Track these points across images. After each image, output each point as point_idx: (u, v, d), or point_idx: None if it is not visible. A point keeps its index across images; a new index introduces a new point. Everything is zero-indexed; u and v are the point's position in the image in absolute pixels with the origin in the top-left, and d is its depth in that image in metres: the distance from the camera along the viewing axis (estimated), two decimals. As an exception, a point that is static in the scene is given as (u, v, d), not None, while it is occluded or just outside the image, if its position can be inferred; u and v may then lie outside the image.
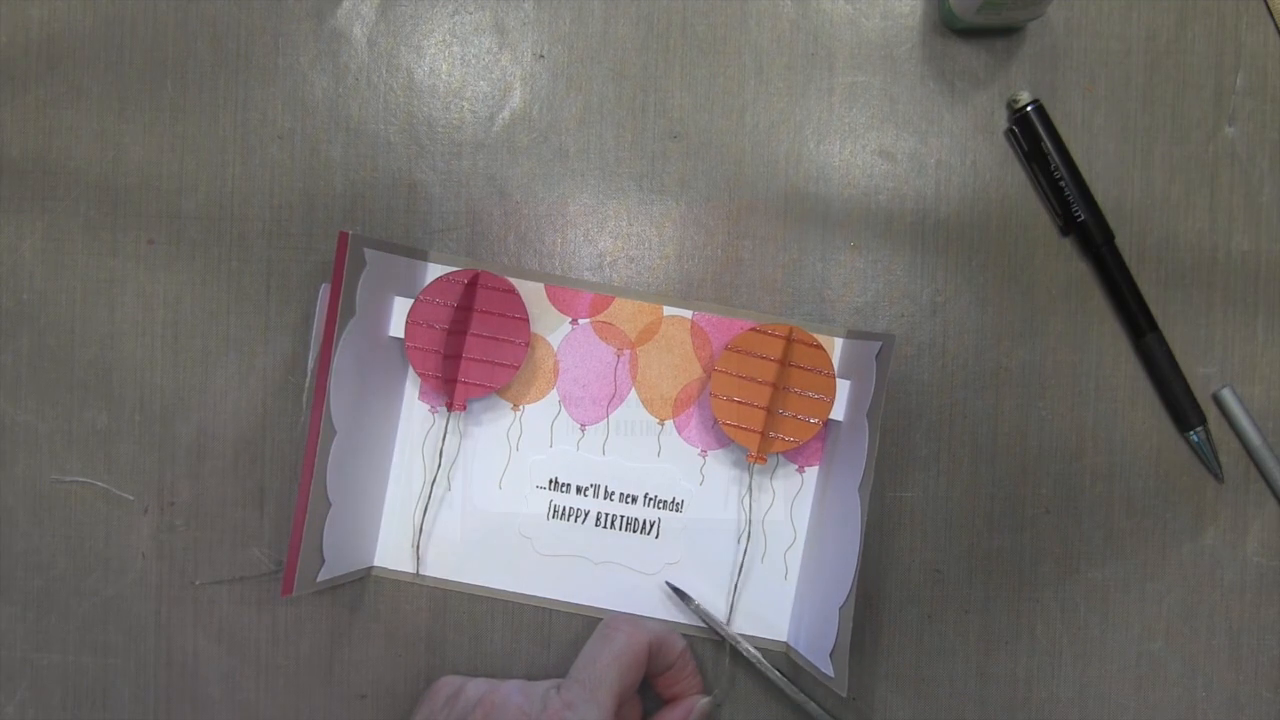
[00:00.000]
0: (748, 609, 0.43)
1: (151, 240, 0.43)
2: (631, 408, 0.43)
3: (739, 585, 0.43)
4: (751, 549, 0.43)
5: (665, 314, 0.43)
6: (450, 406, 0.41)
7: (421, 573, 0.42)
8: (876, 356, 0.39)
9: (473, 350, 0.41)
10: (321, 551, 0.38)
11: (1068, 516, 0.43)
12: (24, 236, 0.43)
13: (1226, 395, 0.43)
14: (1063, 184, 0.42)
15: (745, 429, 0.41)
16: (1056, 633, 0.43)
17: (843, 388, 0.41)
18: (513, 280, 0.42)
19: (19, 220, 0.43)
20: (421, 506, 0.42)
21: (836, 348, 0.42)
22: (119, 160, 0.43)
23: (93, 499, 0.43)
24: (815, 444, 0.43)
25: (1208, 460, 0.43)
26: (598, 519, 0.43)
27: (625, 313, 0.43)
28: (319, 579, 0.38)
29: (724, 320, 0.43)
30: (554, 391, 0.43)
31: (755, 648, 0.42)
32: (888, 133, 0.43)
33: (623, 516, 0.43)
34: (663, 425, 0.43)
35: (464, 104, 0.43)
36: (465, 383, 0.41)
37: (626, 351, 0.43)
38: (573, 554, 0.43)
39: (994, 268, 0.43)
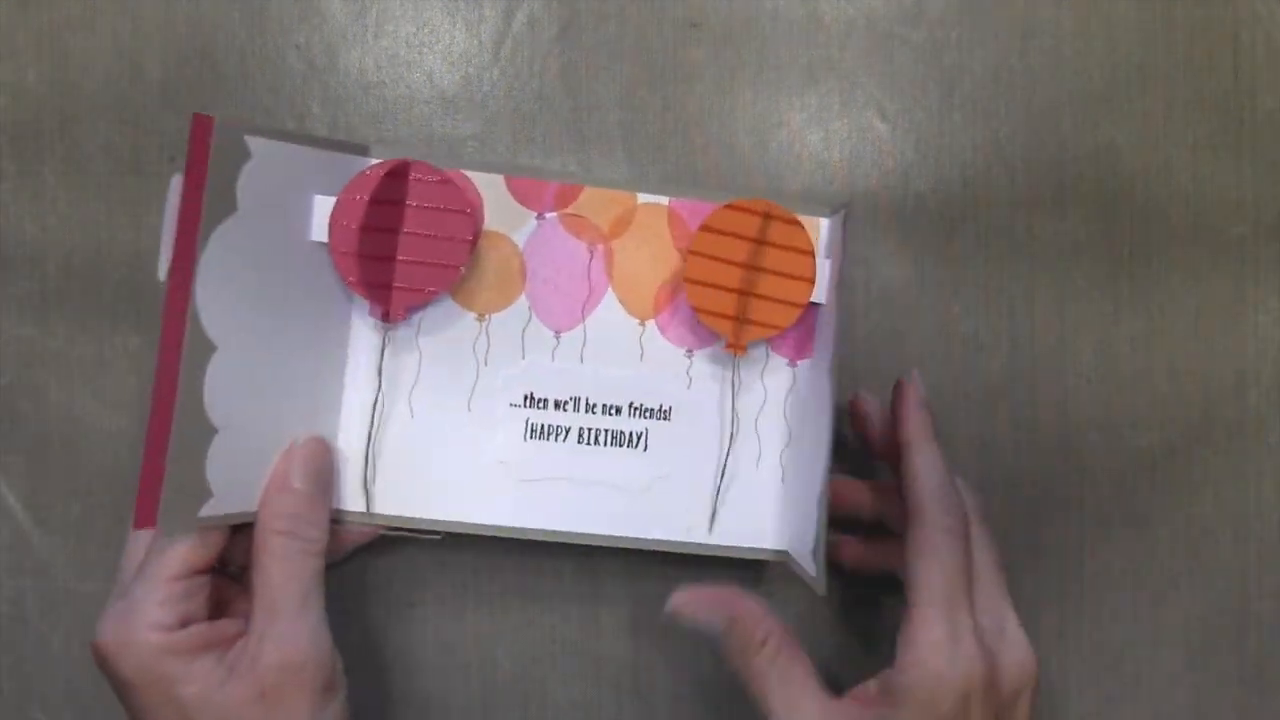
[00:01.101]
0: (742, 518, 0.40)
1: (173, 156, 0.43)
2: (609, 309, 0.40)
3: (723, 488, 0.40)
4: (744, 452, 0.40)
5: (639, 202, 0.40)
6: (386, 317, 0.38)
7: (374, 511, 0.39)
8: (842, 226, 0.38)
9: (408, 251, 0.38)
10: (206, 483, 0.35)
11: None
12: None
13: None
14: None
15: (722, 315, 0.39)
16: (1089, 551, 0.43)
17: (824, 269, 0.39)
18: (471, 174, 0.39)
19: None
20: (364, 435, 0.39)
21: (821, 230, 0.40)
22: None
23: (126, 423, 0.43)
24: (805, 335, 0.40)
25: None
26: (580, 435, 0.40)
27: (596, 203, 0.40)
28: (203, 514, 0.35)
29: (704, 205, 0.40)
30: (523, 296, 0.40)
31: (751, 559, 0.40)
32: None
33: (607, 430, 0.40)
34: (644, 326, 0.40)
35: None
36: (401, 288, 0.38)
37: (600, 246, 0.40)
38: (555, 477, 0.40)
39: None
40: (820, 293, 0.39)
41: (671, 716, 0.44)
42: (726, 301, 0.39)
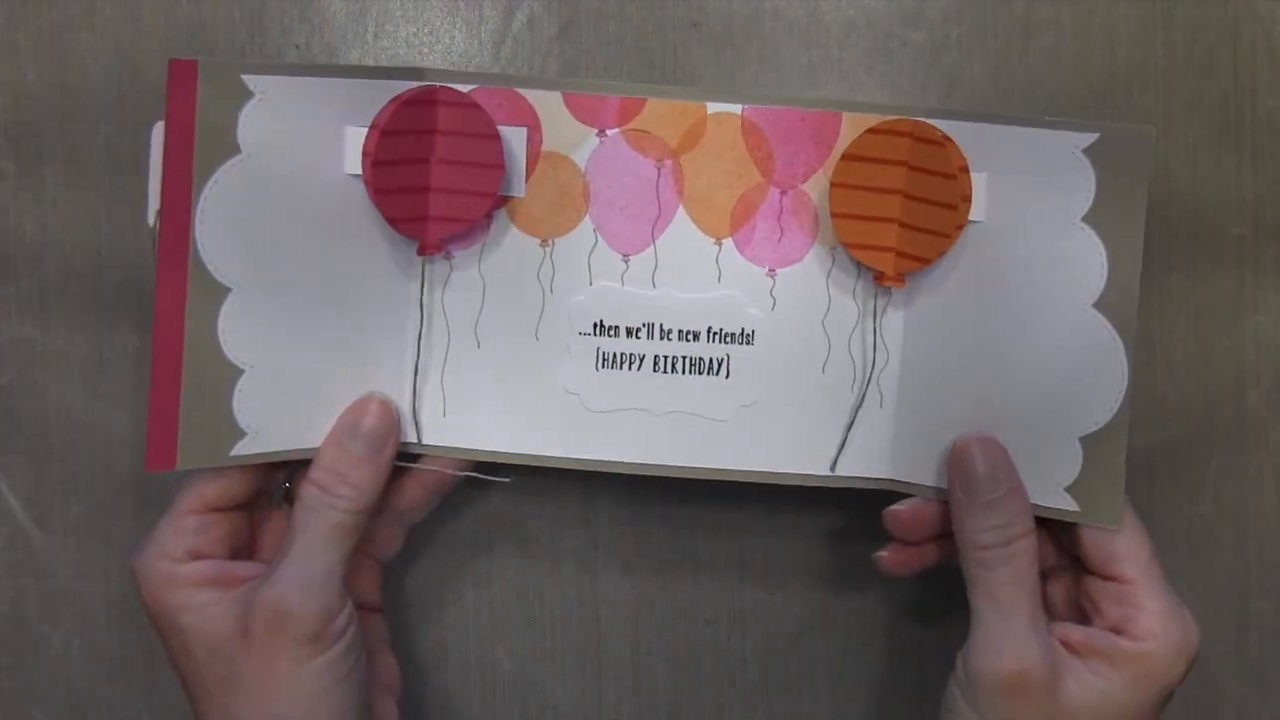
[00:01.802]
0: (858, 448, 0.38)
1: None
2: (681, 228, 0.37)
3: (854, 423, 0.38)
4: (837, 375, 0.38)
5: (710, 112, 0.37)
6: (423, 249, 0.37)
7: (424, 441, 0.38)
8: (1087, 151, 0.35)
9: (440, 179, 0.36)
10: (235, 422, 0.36)
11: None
12: None
13: None
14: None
15: (880, 248, 0.36)
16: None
17: (979, 182, 0.36)
18: (525, 92, 0.37)
19: None
20: (410, 367, 0.38)
21: (963, 135, 0.36)
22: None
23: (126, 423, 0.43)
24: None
25: None
26: (655, 363, 0.38)
27: (661, 116, 0.37)
28: (237, 452, 0.36)
29: (782, 112, 0.37)
30: (587, 219, 0.38)
31: (857, 488, 0.39)
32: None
33: (684, 358, 0.38)
34: (720, 245, 0.38)
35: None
36: (437, 218, 0.36)
37: (668, 162, 0.37)
38: (629, 408, 0.38)
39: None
40: (979, 210, 0.36)
41: (671, 717, 0.44)
42: (884, 233, 0.36)
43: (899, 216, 0.36)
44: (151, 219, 0.35)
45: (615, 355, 0.38)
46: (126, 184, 0.43)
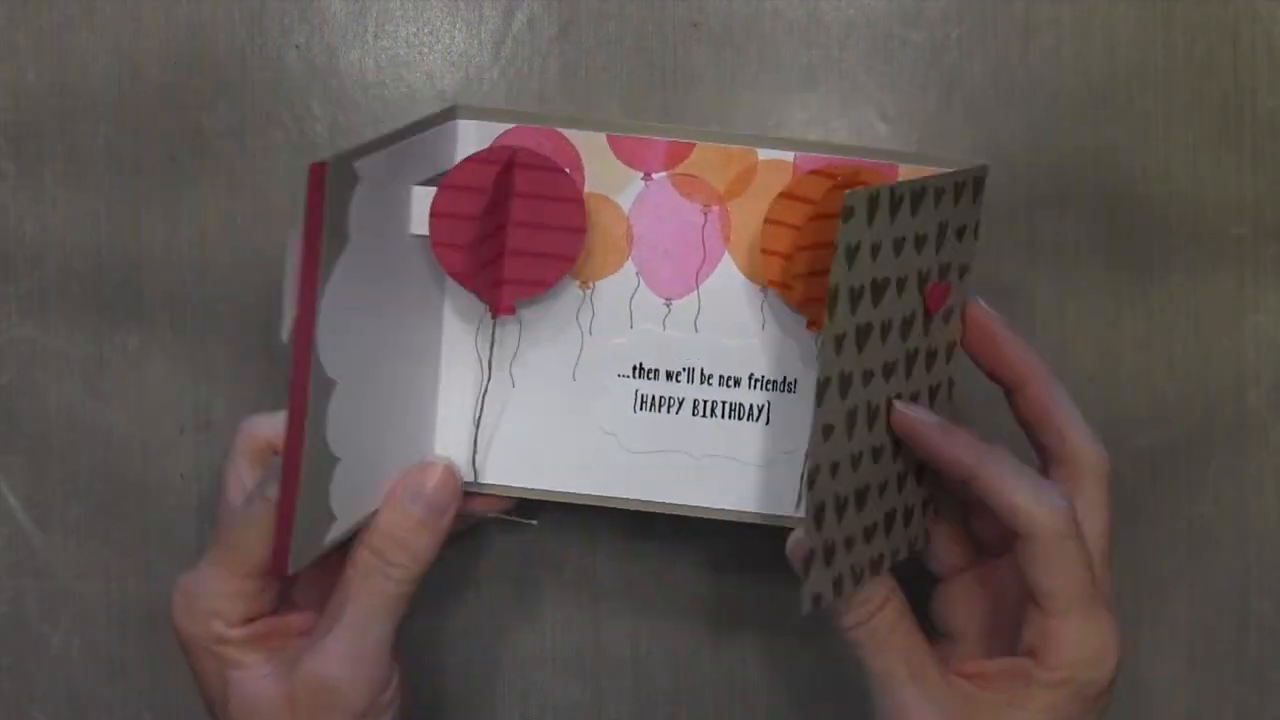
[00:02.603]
0: None
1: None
2: (726, 274, 0.37)
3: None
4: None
5: (760, 159, 0.37)
6: (495, 311, 0.36)
7: (482, 481, 0.38)
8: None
9: (517, 242, 0.35)
10: (330, 510, 0.34)
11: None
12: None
13: None
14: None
15: (798, 290, 0.36)
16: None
17: None
18: (567, 132, 0.36)
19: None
20: (474, 417, 0.37)
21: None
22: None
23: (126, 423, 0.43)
24: None
25: None
26: (694, 407, 0.37)
27: (710, 161, 0.37)
28: (329, 539, 0.34)
29: (835, 160, 0.37)
30: (629, 262, 0.37)
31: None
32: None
33: (725, 403, 0.37)
34: (765, 293, 0.37)
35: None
36: (511, 281, 0.35)
37: (715, 208, 0.37)
38: (667, 449, 0.38)
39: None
40: None
41: (671, 717, 0.44)
42: (803, 276, 0.36)
43: (814, 259, 0.35)
44: (285, 334, 0.32)
45: (654, 398, 0.38)
46: (126, 184, 0.43)
